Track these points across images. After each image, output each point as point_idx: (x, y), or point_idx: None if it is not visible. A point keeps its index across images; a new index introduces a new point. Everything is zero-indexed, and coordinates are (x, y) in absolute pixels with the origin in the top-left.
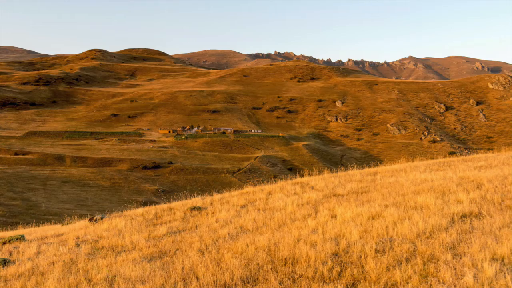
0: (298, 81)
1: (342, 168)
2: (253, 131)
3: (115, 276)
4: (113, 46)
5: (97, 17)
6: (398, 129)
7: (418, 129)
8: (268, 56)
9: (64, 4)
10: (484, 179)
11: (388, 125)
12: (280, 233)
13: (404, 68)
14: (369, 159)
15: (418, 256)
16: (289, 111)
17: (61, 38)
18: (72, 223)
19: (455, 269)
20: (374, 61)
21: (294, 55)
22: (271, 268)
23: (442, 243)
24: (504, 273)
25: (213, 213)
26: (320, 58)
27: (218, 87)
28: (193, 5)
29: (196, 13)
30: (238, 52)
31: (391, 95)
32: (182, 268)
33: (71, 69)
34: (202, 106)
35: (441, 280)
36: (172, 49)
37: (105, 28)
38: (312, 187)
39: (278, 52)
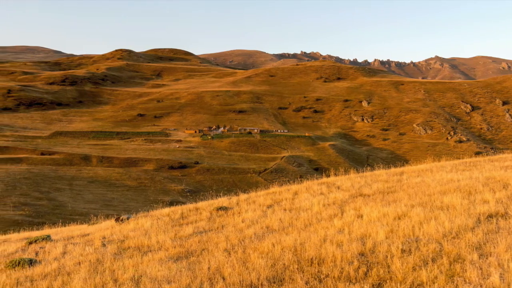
0: (324, 81)
1: (368, 168)
2: (279, 131)
3: (141, 276)
4: (140, 46)
5: (124, 17)
6: (424, 129)
7: (444, 129)
8: (294, 56)
9: (91, 4)
10: (510, 179)
11: (414, 125)
12: (306, 233)
13: (430, 68)
14: (395, 159)
15: (444, 256)
16: (315, 111)
17: (88, 38)
18: (98, 223)
19: (481, 269)
20: (400, 61)
21: (320, 55)
22: (297, 268)
23: (468, 243)
24: None
25: (239, 213)
26: (346, 58)
27: (244, 87)
28: (220, 5)
29: (223, 13)
30: (265, 52)
31: (417, 95)
32: (208, 268)
33: (97, 69)
34: (228, 106)
35: (467, 280)
36: (198, 49)
37: (131, 28)
38: (338, 187)
39: (304, 52)
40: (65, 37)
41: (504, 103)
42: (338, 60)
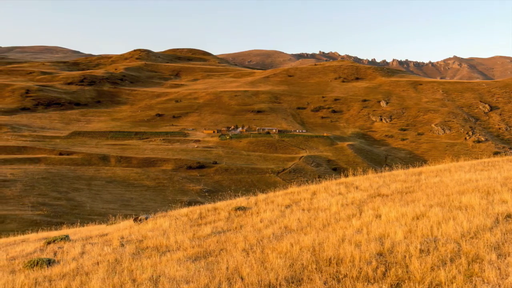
0: (343, 81)
1: (387, 168)
2: (297, 131)
3: (159, 276)
4: (158, 46)
5: (142, 17)
6: (442, 129)
7: (462, 129)
8: (312, 56)
9: (109, 4)
10: None
11: (433, 125)
12: (324, 233)
13: (448, 68)
14: (413, 159)
15: (462, 256)
16: (334, 111)
17: (106, 38)
18: (116, 223)
19: (499, 269)
20: (418, 61)
21: (339, 55)
22: (316, 268)
23: (487, 243)
24: None
25: (257, 213)
26: (365, 58)
27: (263, 87)
28: (238, 5)
29: (241, 13)
30: (283, 52)
31: (436, 95)
32: (227, 268)
33: (116, 69)
34: (246, 106)
35: (485, 280)
36: (216, 49)
37: (149, 28)
38: (357, 187)
39: (323, 52)
40: (84, 37)
41: None
42: (357, 60)
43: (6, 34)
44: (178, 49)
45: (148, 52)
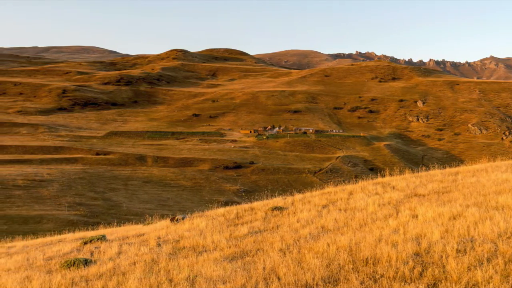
0: (379, 81)
1: (423, 168)
2: (334, 131)
3: (196, 276)
4: (194, 46)
5: (178, 17)
6: (479, 129)
7: (499, 129)
8: (349, 56)
9: (146, 4)
10: None
11: (469, 125)
12: (361, 233)
13: (485, 68)
14: (450, 159)
15: (499, 256)
16: (370, 111)
17: (143, 38)
18: (153, 223)
19: None
20: (455, 61)
21: (375, 55)
22: (352, 268)
23: None
24: None
25: (294, 213)
26: (401, 58)
27: (299, 87)
28: (274, 5)
29: (277, 13)
30: (319, 52)
31: (472, 95)
32: (264, 268)
33: (152, 69)
34: (283, 106)
35: None
36: (253, 49)
37: (186, 28)
38: (393, 187)
39: (359, 52)
40: (120, 37)
41: None
42: (393, 60)
43: (43, 34)
44: (214, 49)
45: (184, 52)
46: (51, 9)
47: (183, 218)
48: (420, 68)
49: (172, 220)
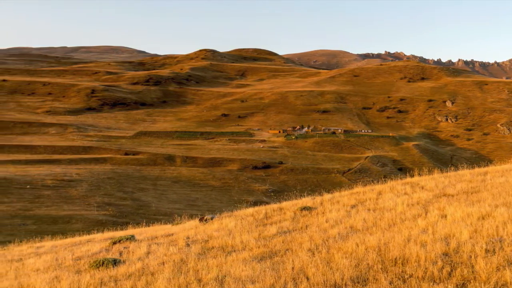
0: (408, 81)
1: (452, 168)
2: (363, 131)
3: (225, 276)
4: (223, 46)
5: (207, 17)
6: (508, 129)
7: None
8: (378, 56)
9: (175, 4)
10: None
11: (498, 125)
12: (390, 233)
13: None
14: (479, 159)
15: None
16: (399, 111)
17: (171, 38)
18: (182, 223)
19: None
20: (484, 61)
21: (404, 55)
22: (381, 268)
23: None
24: None
25: (323, 213)
26: (430, 58)
27: (328, 87)
28: (303, 5)
29: (306, 13)
30: (348, 52)
31: (501, 95)
32: (292, 268)
33: (181, 69)
34: (312, 106)
35: None
36: (282, 49)
37: (215, 28)
38: (422, 187)
39: (388, 52)
40: (149, 37)
41: None
42: (422, 60)
43: (72, 34)
44: (243, 49)
45: (213, 52)
46: (80, 9)
47: (212, 218)
48: (449, 68)
49: (201, 220)
